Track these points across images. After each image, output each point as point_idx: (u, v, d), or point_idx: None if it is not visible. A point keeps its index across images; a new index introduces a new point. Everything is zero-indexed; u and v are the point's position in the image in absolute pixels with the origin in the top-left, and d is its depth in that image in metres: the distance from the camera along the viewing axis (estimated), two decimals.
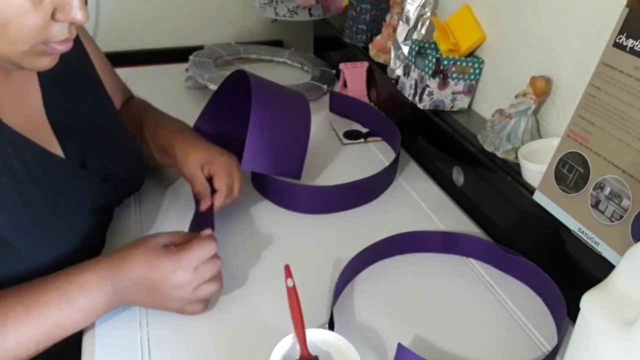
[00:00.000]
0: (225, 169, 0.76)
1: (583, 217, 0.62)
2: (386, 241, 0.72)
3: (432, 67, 0.88)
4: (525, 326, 0.65)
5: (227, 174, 0.76)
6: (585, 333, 0.46)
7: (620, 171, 0.58)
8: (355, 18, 1.18)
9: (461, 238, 0.75)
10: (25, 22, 0.50)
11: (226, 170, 0.76)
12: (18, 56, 0.53)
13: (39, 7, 0.50)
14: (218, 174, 0.75)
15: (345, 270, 0.67)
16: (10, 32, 0.50)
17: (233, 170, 0.77)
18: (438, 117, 0.91)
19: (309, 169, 0.94)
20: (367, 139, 1.05)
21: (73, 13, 0.52)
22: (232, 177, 0.77)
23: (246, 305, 0.66)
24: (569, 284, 0.65)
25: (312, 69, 1.28)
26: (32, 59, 0.54)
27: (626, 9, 0.57)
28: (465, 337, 0.63)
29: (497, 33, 0.85)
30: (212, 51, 1.28)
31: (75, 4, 0.52)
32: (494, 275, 0.72)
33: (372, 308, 0.67)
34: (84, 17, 0.53)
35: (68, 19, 0.53)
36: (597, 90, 0.60)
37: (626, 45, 0.57)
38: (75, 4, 0.52)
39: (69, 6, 0.52)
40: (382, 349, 0.61)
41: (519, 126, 0.76)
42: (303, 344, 0.56)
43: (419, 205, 0.86)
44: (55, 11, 0.52)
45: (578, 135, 0.63)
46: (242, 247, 0.76)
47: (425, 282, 0.71)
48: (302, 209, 0.83)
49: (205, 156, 0.76)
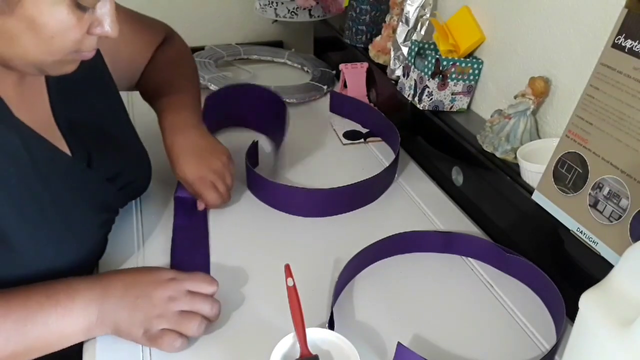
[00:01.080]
0: (214, 184, 0.77)
1: (582, 217, 0.62)
2: (386, 241, 0.72)
3: (432, 67, 0.89)
4: (524, 325, 0.65)
5: (215, 187, 0.77)
6: (583, 332, 0.47)
7: (618, 171, 0.58)
8: (355, 19, 1.19)
9: (460, 238, 0.75)
10: (67, 36, 0.53)
11: (215, 183, 0.77)
12: (50, 64, 0.55)
13: (80, 22, 0.53)
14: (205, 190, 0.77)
15: (345, 270, 0.67)
16: (53, 44, 0.53)
17: (223, 179, 0.78)
18: (437, 117, 0.91)
19: (309, 169, 0.94)
20: (367, 139, 1.05)
21: (107, 27, 0.55)
22: (222, 184, 0.78)
23: (246, 304, 0.66)
24: (567, 283, 0.65)
25: (312, 70, 1.28)
26: (60, 66, 0.57)
27: (625, 10, 0.57)
28: (465, 336, 0.63)
29: (496, 34, 0.86)
30: (212, 52, 1.29)
31: (109, 19, 0.55)
32: (493, 275, 0.73)
33: (372, 307, 0.67)
34: (115, 32, 0.56)
35: (103, 33, 0.56)
36: (596, 90, 0.61)
37: (625, 46, 0.57)
38: (108, 20, 0.55)
39: (104, 21, 0.55)
40: (382, 348, 0.61)
41: (518, 126, 0.76)
42: (303, 343, 0.56)
43: (418, 205, 0.86)
44: (92, 25, 0.55)
45: (577, 135, 0.63)
46: (241, 246, 0.76)
47: (424, 281, 0.71)
48: (301, 212, 0.83)
49: (195, 170, 0.76)
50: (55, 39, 0.52)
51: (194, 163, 0.76)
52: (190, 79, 0.87)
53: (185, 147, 0.77)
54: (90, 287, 0.59)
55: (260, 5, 1.34)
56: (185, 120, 0.79)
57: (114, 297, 0.59)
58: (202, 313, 0.60)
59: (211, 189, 0.77)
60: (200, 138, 0.79)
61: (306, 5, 1.29)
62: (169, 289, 0.60)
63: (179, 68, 0.87)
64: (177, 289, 0.60)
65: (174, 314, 0.59)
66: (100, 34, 0.56)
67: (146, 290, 0.60)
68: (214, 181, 0.77)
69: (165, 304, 0.59)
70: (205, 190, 0.77)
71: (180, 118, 0.79)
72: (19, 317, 0.55)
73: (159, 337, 0.57)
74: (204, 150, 0.78)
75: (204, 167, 0.77)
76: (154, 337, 0.58)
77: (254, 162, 0.92)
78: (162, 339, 0.57)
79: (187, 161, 0.76)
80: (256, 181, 0.85)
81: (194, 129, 0.79)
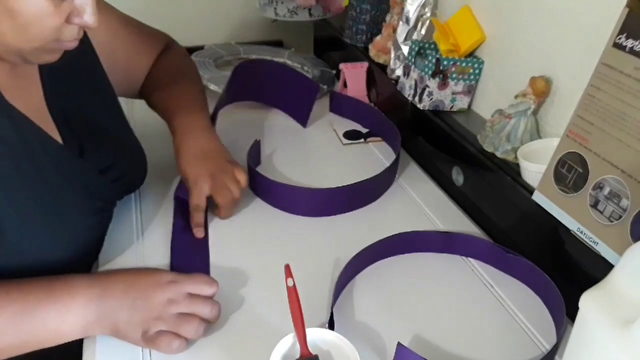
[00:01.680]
0: (226, 186, 0.76)
1: (582, 217, 0.62)
2: (386, 241, 0.72)
3: (432, 67, 0.89)
4: (525, 325, 0.65)
5: (229, 190, 0.77)
6: (584, 332, 0.46)
7: (619, 171, 0.58)
8: (355, 18, 1.18)
9: (461, 238, 0.75)
10: (44, 23, 0.53)
11: (228, 186, 0.77)
12: (30, 51, 0.56)
13: (58, 10, 0.53)
14: (219, 190, 0.76)
15: (345, 270, 0.67)
16: (30, 31, 0.53)
17: (237, 182, 0.78)
18: (438, 117, 0.91)
19: (309, 169, 0.94)
20: (367, 139, 1.05)
21: (86, 18, 0.56)
22: (234, 189, 0.77)
23: (246, 304, 0.66)
24: (568, 283, 0.65)
25: (312, 69, 1.28)
26: (41, 55, 0.57)
27: (626, 9, 0.57)
28: (465, 336, 0.63)
29: (496, 33, 0.86)
30: (212, 51, 1.28)
31: (89, 10, 0.56)
32: (494, 275, 0.72)
33: (372, 307, 0.67)
34: (94, 22, 0.56)
35: (81, 23, 0.56)
36: (597, 90, 0.61)
37: (626, 46, 0.57)
38: (89, 10, 0.56)
39: (84, 11, 0.55)
40: (382, 348, 0.61)
41: (518, 126, 0.76)
42: (303, 343, 0.56)
43: (418, 205, 0.86)
44: (71, 15, 0.55)
45: (577, 135, 0.63)
46: (241, 246, 0.76)
47: (424, 282, 0.71)
48: (301, 212, 0.83)
49: (209, 169, 0.76)
50: (32, 26, 0.53)
51: (200, 164, 0.76)
52: (197, 84, 0.88)
53: (194, 147, 0.78)
54: (90, 285, 0.59)
55: (260, 4, 1.34)
56: (196, 122, 0.80)
57: (113, 297, 0.58)
58: (201, 315, 0.60)
59: (223, 189, 0.76)
60: (209, 141, 0.80)
61: (306, 5, 1.29)
62: (168, 292, 0.60)
63: (184, 74, 0.88)
64: (176, 291, 0.60)
65: (173, 317, 0.58)
66: (79, 24, 0.56)
67: (145, 292, 0.60)
68: (219, 181, 0.77)
69: (164, 307, 0.59)
70: (213, 191, 0.76)
71: (191, 119, 0.80)
72: (17, 310, 0.55)
73: (157, 339, 0.57)
74: (212, 152, 0.78)
75: (211, 168, 0.77)
76: (152, 338, 0.58)
77: (255, 161, 0.92)
78: (159, 340, 0.57)
79: (193, 161, 0.76)
80: (257, 180, 0.85)
81: (205, 131, 0.80)
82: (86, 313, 0.57)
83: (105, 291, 0.59)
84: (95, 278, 0.61)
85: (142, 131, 0.82)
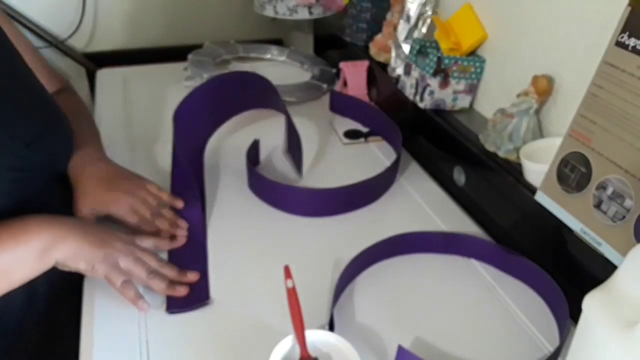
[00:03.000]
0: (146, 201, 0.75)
1: (585, 217, 0.62)
2: (387, 241, 0.72)
3: (433, 66, 0.88)
4: (527, 327, 0.65)
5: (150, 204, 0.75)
6: (587, 334, 0.46)
7: (622, 171, 0.58)
8: (355, 17, 1.18)
9: (462, 238, 0.75)
10: None
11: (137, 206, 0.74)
12: None
13: None
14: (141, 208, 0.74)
15: (345, 271, 0.67)
16: None
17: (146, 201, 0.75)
18: (439, 116, 0.91)
19: (309, 169, 0.94)
20: (368, 138, 1.04)
21: None
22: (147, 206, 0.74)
23: (246, 306, 0.66)
24: (571, 284, 0.65)
25: (312, 68, 1.27)
26: None
27: (628, 8, 0.57)
28: (467, 338, 0.63)
29: (498, 32, 0.85)
30: (211, 50, 1.28)
31: None
32: (496, 275, 0.72)
33: (373, 309, 0.66)
34: None
35: None
36: (600, 89, 0.60)
37: (628, 44, 0.57)
38: None
39: None
40: (383, 350, 0.61)
41: (520, 126, 0.75)
42: (303, 345, 0.56)
43: (419, 206, 0.86)
44: None
45: (580, 134, 0.62)
46: (241, 246, 0.75)
47: (426, 282, 0.71)
48: (302, 212, 0.82)
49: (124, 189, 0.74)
50: None
51: (103, 190, 0.73)
52: (91, 124, 0.86)
53: (95, 175, 0.74)
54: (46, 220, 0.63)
55: (259, 2, 1.33)
56: (91, 154, 0.78)
57: (67, 224, 0.64)
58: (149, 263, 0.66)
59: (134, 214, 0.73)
60: (109, 167, 0.77)
61: (306, 3, 1.29)
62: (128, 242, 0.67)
63: (78, 114, 0.84)
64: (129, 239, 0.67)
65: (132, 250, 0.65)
66: None
67: (105, 236, 0.65)
68: (134, 204, 0.73)
69: (124, 245, 0.65)
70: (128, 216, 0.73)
71: (87, 152, 0.77)
72: None
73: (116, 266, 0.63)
74: (116, 176, 0.76)
75: (126, 187, 0.74)
76: (113, 265, 0.63)
77: (254, 161, 0.92)
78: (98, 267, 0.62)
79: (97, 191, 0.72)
80: (257, 180, 0.85)
81: (101, 162, 0.78)
82: (41, 238, 0.61)
83: (63, 222, 0.64)
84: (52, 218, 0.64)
85: (140, 132, 0.82)
